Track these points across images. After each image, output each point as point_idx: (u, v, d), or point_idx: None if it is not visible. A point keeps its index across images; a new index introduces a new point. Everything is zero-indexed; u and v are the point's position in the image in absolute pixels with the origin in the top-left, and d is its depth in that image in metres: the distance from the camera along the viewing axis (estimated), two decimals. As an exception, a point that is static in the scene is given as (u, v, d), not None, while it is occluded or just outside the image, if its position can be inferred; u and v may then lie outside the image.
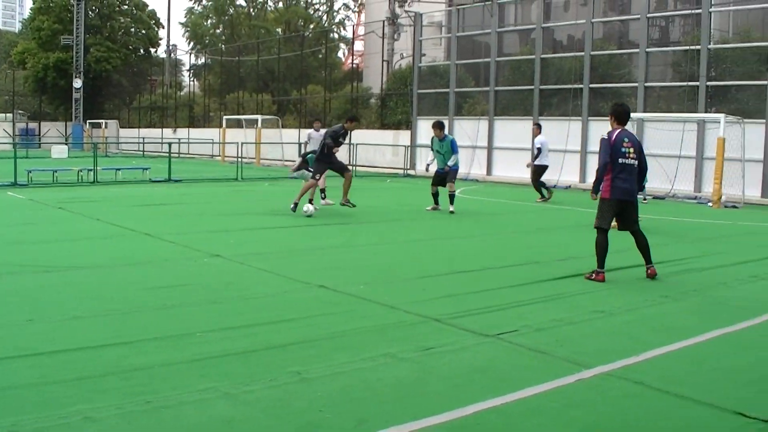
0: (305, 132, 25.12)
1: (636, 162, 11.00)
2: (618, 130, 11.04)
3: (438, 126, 19.63)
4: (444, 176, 19.67)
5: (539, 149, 24.26)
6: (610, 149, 10.83)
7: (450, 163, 19.44)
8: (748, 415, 5.76)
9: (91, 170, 27.40)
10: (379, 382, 6.27)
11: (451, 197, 19.52)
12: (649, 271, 11.20)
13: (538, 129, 24.83)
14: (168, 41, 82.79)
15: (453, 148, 19.48)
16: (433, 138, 19.87)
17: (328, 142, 17.91)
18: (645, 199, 24.56)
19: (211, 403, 5.65)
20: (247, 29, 72.47)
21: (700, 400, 6.07)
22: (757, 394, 6.29)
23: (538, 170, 24.37)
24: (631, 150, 10.97)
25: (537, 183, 24.26)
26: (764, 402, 6.07)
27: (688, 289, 10.61)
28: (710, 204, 25.08)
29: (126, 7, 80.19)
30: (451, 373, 6.55)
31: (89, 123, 70.66)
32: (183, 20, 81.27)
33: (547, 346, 7.40)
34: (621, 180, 10.94)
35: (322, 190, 20.28)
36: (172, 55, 78.46)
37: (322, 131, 24.64)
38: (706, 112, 29.55)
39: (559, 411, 5.75)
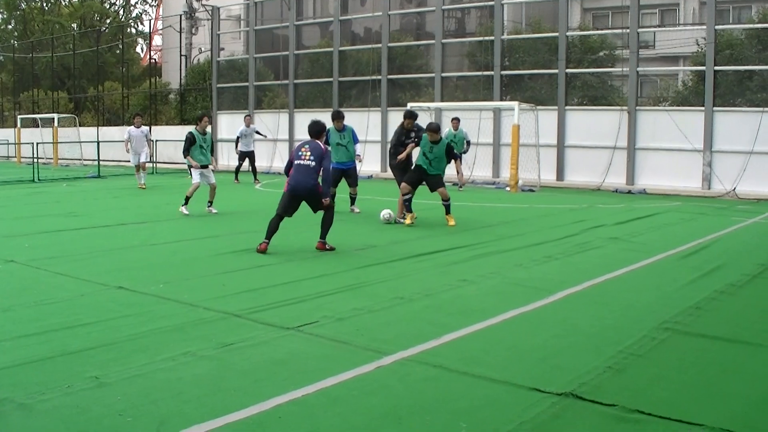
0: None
1: (311, 163, 12.70)
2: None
3: (338, 116, 18.30)
4: (350, 172, 18.34)
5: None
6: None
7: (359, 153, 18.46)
8: (543, 390, 5.97)
9: None
10: (179, 381, 6.15)
11: (353, 199, 18.72)
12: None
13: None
14: (-46, 38, 79.31)
15: (354, 138, 18.44)
16: (330, 130, 17.59)
17: (398, 147, 17.29)
18: (460, 188, 25.00)
19: (5, 416, 5.43)
20: (40, 25, 69.71)
21: (497, 379, 6.25)
22: (550, 370, 6.50)
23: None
24: (308, 153, 12.75)
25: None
26: (557, 377, 6.28)
27: (486, 272, 10.89)
28: (508, 189, 25.82)
29: None
30: (252, 368, 6.50)
31: None
32: (-30, 16, 77.76)
33: (347, 336, 7.44)
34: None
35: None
36: (-41, 53, 75.06)
37: (144, 128, 24.49)
38: (501, 100, 30.43)
39: (358, 399, 5.79)
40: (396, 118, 32.01)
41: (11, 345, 7.13)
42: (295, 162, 12.81)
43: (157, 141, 37.03)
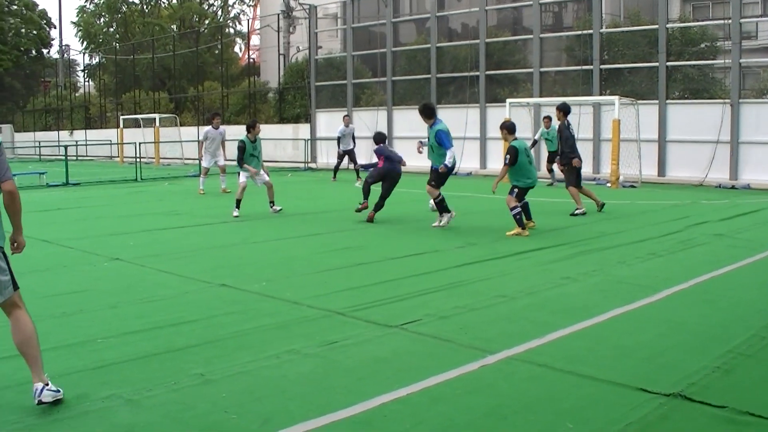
0: (204, 129, 24.53)
1: None
2: None
3: (424, 111, 15.62)
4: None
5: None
6: None
7: (447, 161, 14.98)
8: (650, 390, 5.90)
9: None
10: (283, 379, 6.24)
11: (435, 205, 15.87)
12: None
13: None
14: (60, 41, 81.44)
15: (439, 141, 15.05)
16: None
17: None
18: (552, 184, 24.82)
19: (113, 411, 5.56)
20: (140, 27, 71.20)
21: (602, 378, 6.20)
22: (656, 369, 6.42)
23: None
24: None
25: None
26: (664, 377, 6.20)
27: (588, 270, 10.80)
28: (609, 184, 25.53)
29: (15, 7, 78.20)
30: (355, 366, 6.56)
31: (-19, 129, 68.81)
32: (75, 19, 79.46)
33: (450, 334, 7.45)
34: None
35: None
36: (65, 55, 76.99)
37: (222, 128, 24.33)
38: (600, 95, 30.04)
39: (462, 397, 5.81)
40: (494, 115, 31.96)
41: (118, 341, 7.31)
42: None
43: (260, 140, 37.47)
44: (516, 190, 14.43)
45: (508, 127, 15.25)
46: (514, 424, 5.36)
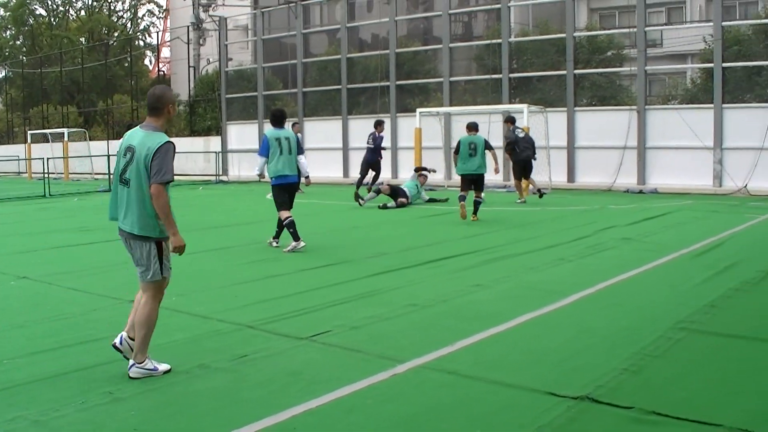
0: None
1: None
2: None
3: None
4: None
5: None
6: None
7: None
8: (559, 393, 5.95)
9: None
10: (193, 394, 6.15)
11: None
12: None
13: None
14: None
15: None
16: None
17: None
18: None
19: (18, 433, 5.41)
20: (48, 39, 69.82)
21: (513, 383, 6.23)
22: (566, 373, 6.48)
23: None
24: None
25: None
26: (573, 380, 6.26)
27: (499, 276, 10.88)
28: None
29: None
30: (266, 379, 6.49)
31: None
32: (-22, 33, 77.90)
33: (361, 344, 7.43)
34: None
35: None
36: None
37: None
38: (510, 103, 30.35)
39: (373, 407, 5.78)
40: (405, 124, 32.17)
41: (25, 361, 7.12)
42: None
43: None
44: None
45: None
46: (426, 432, 5.34)
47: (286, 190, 14.03)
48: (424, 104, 33.24)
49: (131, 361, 6.61)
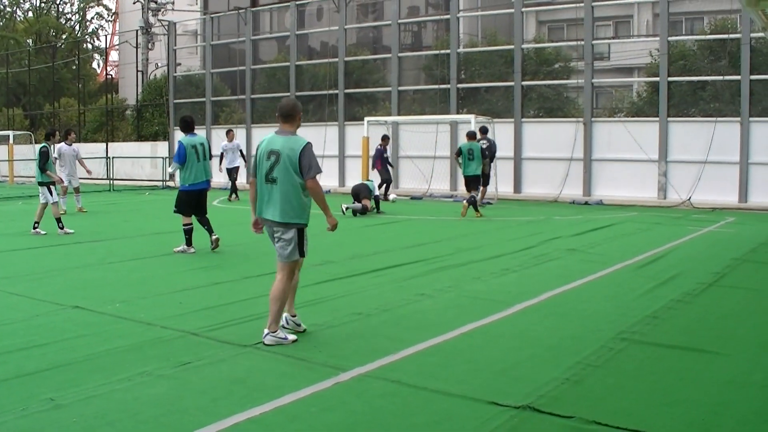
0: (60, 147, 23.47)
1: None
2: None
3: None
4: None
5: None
6: None
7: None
8: (501, 403, 5.98)
9: None
10: (135, 401, 6.08)
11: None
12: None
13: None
14: None
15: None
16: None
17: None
18: (393, 200, 25.07)
19: (-46, 440, 5.33)
20: (-6, 40, 69.21)
21: (455, 393, 6.25)
22: (508, 382, 6.52)
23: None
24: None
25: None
26: (515, 390, 6.30)
27: (443, 286, 10.91)
28: (465, 202, 25.86)
29: None
30: (209, 386, 6.45)
31: None
32: None
33: (305, 352, 7.41)
34: None
35: None
36: None
37: (76, 146, 23.50)
38: (457, 113, 30.52)
39: (317, 415, 5.77)
40: (353, 133, 32.19)
41: (-36, 368, 7.01)
42: None
43: (114, 158, 36.86)
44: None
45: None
46: (368, 440, 5.35)
47: (195, 197, 14.50)
48: (373, 113, 33.26)
49: (266, 330, 7.70)
